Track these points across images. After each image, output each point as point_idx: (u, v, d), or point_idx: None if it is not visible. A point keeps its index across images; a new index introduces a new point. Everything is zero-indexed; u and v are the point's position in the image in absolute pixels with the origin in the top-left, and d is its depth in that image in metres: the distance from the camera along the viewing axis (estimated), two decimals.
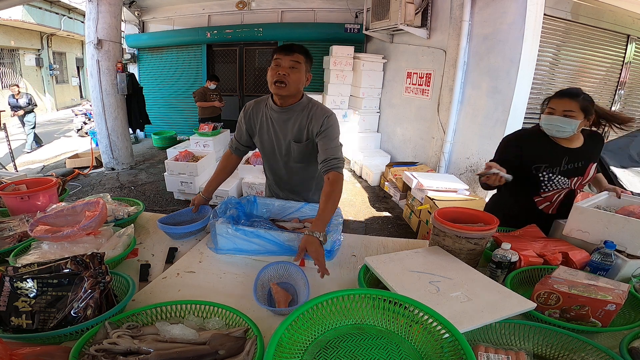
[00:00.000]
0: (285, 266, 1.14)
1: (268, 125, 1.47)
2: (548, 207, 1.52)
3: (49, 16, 9.90)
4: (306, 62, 1.34)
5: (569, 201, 1.47)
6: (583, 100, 1.38)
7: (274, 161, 1.54)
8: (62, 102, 12.26)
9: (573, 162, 1.45)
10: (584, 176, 1.47)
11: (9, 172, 2.42)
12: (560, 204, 1.51)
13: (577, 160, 1.45)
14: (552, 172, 1.46)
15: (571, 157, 1.45)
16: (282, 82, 1.30)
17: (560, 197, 1.50)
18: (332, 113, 1.41)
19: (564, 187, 1.48)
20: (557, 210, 1.52)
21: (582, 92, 1.40)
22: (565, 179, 1.46)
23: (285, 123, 1.43)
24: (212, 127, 4.53)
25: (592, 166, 1.47)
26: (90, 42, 4.71)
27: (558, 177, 1.46)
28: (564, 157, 1.44)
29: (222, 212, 1.33)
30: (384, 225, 3.72)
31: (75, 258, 0.90)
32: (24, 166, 5.49)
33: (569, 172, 1.45)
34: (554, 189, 1.49)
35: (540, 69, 3.15)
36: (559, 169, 1.45)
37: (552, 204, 1.52)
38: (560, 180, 1.47)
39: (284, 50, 1.30)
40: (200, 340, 0.76)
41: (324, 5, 6.21)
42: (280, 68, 1.30)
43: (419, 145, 4.64)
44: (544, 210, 1.53)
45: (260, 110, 1.48)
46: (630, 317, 0.95)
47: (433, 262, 1.10)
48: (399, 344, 0.75)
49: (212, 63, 7.14)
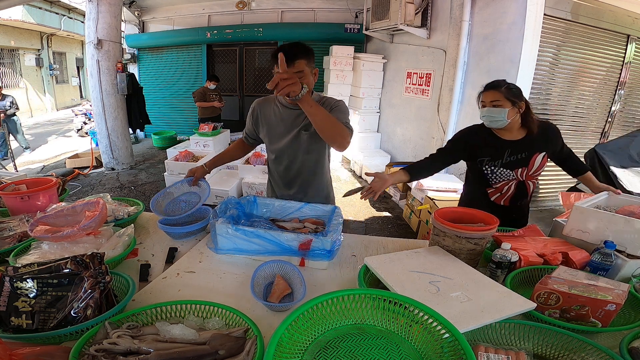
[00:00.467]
0: (282, 265, 1.15)
1: (278, 121, 1.49)
2: (499, 198, 1.59)
3: (49, 16, 9.90)
4: (309, 64, 1.30)
5: (520, 193, 1.56)
6: (507, 90, 1.46)
7: (283, 152, 1.55)
8: (62, 102, 12.26)
9: (515, 154, 1.51)
10: (528, 167, 1.51)
11: (9, 172, 2.42)
12: (513, 195, 1.57)
13: (519, 152, 1.51)
14: (494, 165, 1.54)
15: (513, 150, 1.51)
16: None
17: (512, 189, 1.56)
18: (342, 100, 1.46)
19: (510, 179, 1.55)
20: (509, 201, 1.59)
21: (505, 83, 1.49)
22: (508, 170, 1.53)
23: (297, 118, 1.46)
24: (212, 127, 4.53)
25: (538, 156, 1.51)
26: (90, 42, 4.71)
27: (501, 170, 1.54)
28: (507, 149, 1.51)
29: (222, 212, 1.33)
30: (384, 225, 3.72)
31: (75, 258, 0.90)
32: (24, 166, 5.49)
33: (511, 164, 1.52)
34: (500, 181, 1.56)
35: (540, 69, 3.15)
36: (501, 162, 1.53)
37: (503, 195, 1.58)
38: (504, 173, 1.54)
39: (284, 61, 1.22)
40: (200, 340, 0.76)
41: (324, 5, 6.21)
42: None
43: (419, 145, 4.63)
44: (495, 201, 1.60)
45: (270, 107, 1.51)
46: (630, 317, 0.95)
47: (433, 262, 1.10)
48: (399, 344, 0.75)
49: (212, 63, 7.14)
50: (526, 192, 1.57)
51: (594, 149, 2.68)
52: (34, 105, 10.75)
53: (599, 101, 3.66)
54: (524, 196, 1.58)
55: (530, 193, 1.60)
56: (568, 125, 3.57)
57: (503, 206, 1.59)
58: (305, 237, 1.19)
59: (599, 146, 2.70)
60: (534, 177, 1.55)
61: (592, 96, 3.60)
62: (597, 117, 3.73)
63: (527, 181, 1.55)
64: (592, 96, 3.61)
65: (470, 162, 1.63)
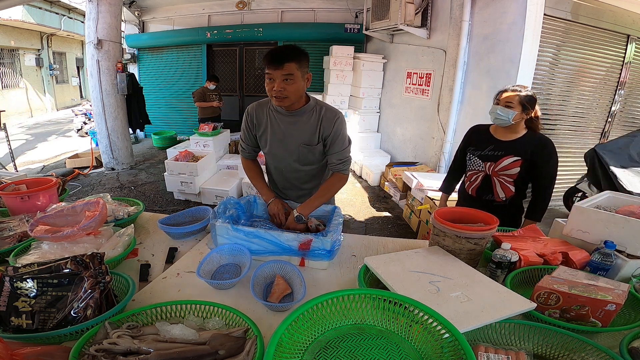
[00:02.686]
0: (282, 265, 1.15)
1: (274, 128, 1.43)
2: (469, 186, 1.81)
3: (49, 16, 9.89)
4: (300, 68, 1.25)
5: (485, 187, 1.73)
6: (525, 96, 1.57)
7: (281, 163, 1.52)
8: (62, 102, 12.25)
9: (495, 150, 1.67)
10: (496, 163, 1.67)
11: (9, 172, 2.42)
12: (479, 187, 1.75)
13: (498, 150, 1.67)
14: (473, 154, 1.75)
15: (496, 147, 1.68)
16: (280, 97, 1.26)
17: (478, 181, 1.75)
18: (341, 113, 1.41)
19: (479, 169, 1.74)
20: (475, 192, 1.77)
21: (526, 90, 1.60)
22: (480, 161, 1.72)
23: (293, 126, 1.41)
24: (212, 127, 4.52)
25: (510, 158, 1.63)
26: (90, 42, 4.71)
27: (475, 159, 1.74)
28: (491, 145, 1.69)
29: (222, 212, 1.33)
30: (384, 225, 3.72)
31: (75, 258, 0.90)
32: (24, 166, 5.49)
33: (486, 157, 1.70)
34: (472, 169, 1.78)
35: (540, 69, 3.15)
36: (480, 153, 1.72)
37: (471, 184, 1.79)
38: (476, 162, 1.74)
39: (274, 63, 1.21)
40: (200, 340, 0.76)
41: (324, 5, 6.21)
42: (274, 83, 1.24)
43: (419, 145, 4.63)
44: (466, 189, 1.82)
45: (264, 112, 1.45)
46: (630, 317, 0.95)
47: (433, 262, 1.10)
48: (399, 344, 0.75)
49: (212, 63, 7.13)
50: (491, 187, 1.71)
51: (594, 149, 2.68)
52: (34, 105, 10.74)
53: (599, 101, 3.66)
54: (488, 191, 1.73)
55: (495, 191, 1.71)
56: (568, 125, 3.56)
57: (471, 195, 1.78)
58: (305, 237, 1.19)
59: (599, 146, 2.70)
60: (499, 175, 1.67)
61: (592, 96, 3.60)
62: (597, 117, 3.72)
63: (493, 177, 1.69)
64: (592, 96, 3.60)
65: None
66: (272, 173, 1.62)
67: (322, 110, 1.39)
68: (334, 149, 1.41)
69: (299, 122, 1.39)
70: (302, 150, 1.43)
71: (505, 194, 1.69)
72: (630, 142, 2.71)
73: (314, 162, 1.49)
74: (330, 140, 1.39)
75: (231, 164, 4.48)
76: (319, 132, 1.39)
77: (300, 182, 1.57)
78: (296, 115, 1.38)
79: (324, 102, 1.44)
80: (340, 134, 1.39)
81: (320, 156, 1.47)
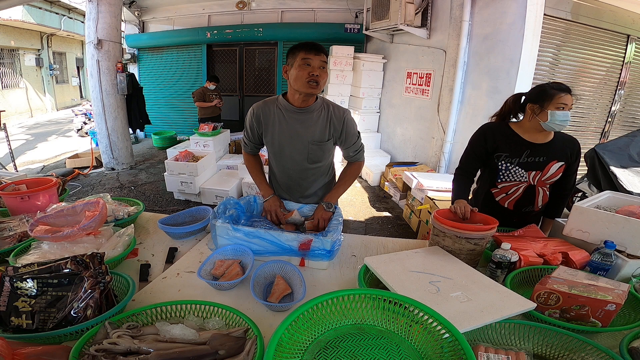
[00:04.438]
0: (282, 265, 1.15)
1: (282, 126, 1.44)
2: (504, 199, 1.54)
3: (49, 16, 9.89)
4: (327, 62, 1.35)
5: (528, 198, 1.50)
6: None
7: (288, 161, 1.52)
8: (62, 102, 12.25)
9: (534, 155, 1.46)
10: (542, 172, 1.46)
11: (9, 172, 2.42)
12: (519, 199, 1.51)
13: (538, 155, 1.46)
14: (510, 162, 1.48)
15: (532, 151, 1.46)
16: (316, 82, 1.29)
17: (519, 192, 1.50)
18: (348, 110, 1.49)
19: (521, 180, 1.49)
20: (514, 205, 1.53)
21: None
22: (522, 170, 1.47)
23: (302, 124, 1.42)
24: (212, 127, 4.52)
25: (554, 165, 1.46)
26: (90, 42, 4.71)
27: (516, 168, 1.47)
28: (526, 150, 1.46)
29: (222, 212, 1.33)
30: (384, 225, 3.72)
31: (75, 258, 0.90)
32: (24, 166, 5.49)
33: (527, 165, 1.46)
34: (511, 180, 1.50)
35: (540, 69, 3.15)
36: (518, 160, 1.47)
37: (509, 197, 1.53)
38: (518, 172, 1.48)
39: (314, 50, 1.28)
40: (200, 340, 0.76)
41: (324, 5, 6.21)
42: (313, 68, 1.28)
43: (419, 145, 4.63)
44: (500, 202, 1.55)
45: (271, 110, 1.44)
46: (630, 317, 0.95)
47: (433, 262, 1.10)
48: (399, 344, 0.75)
49: (212, 63, 7.13)
50: (533, 198, 1.51)
51: (594, 149, 2.67)
52: (34, 105, 10.74)
53: (599, 101, 3.66)
54: (530, 203, 1.52)
55: (536, 202, 1.52)
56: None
57: (507, 209, 1.54)
58: (305, 237, 1.19)
59: (599, 146, 2.69)
60: (545, 183, 1.49)
61: (592, 96, 3.60)
62: (597, 117, 3.73)
63: (538, 187, 1.49)
64: (592, 96, 3.60)
65: (486, 157, 1.54)
66: (277, 173, 1.61)
67: (330, 107, 1.44)
68: (348, 143, 1.49)
69: (309, 120, 1.41)
70: (312, 148, 1.46)
71: (543, 202, 1.53)
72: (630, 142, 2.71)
73: (322, 159, 1.52)
74: (344, 136, 1.46)
75: (231, 164, 4.48)
76: (329, 129, 1.43)
77: (306, 181, 1.57)
78: (306, 112, 1.41)
79: (330, 100, 1.48)
80: (351, 129, 1.47)
81: (328, 153, 1.53)
